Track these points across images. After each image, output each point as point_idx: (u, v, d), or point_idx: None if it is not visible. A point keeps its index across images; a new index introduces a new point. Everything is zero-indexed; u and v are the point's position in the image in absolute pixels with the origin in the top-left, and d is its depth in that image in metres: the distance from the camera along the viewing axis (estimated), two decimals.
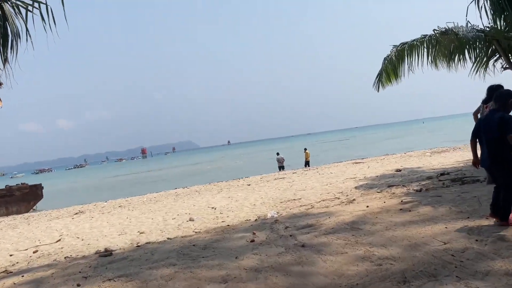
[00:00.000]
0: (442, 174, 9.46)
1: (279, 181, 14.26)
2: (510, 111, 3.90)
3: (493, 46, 9.03)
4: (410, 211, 4.88)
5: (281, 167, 23.69)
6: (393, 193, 7.96)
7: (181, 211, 10.22)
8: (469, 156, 13.34)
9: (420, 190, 6.85)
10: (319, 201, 8.56)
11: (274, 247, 4.22)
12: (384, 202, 5.81)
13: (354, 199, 8.05)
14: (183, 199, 13.21)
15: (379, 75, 10.27)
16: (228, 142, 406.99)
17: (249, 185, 14.47)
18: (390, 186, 8.95)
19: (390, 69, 10.07)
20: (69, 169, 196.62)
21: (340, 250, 3.66)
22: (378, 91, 10.47)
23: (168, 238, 6.49)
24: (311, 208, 7.16)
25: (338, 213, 5.62)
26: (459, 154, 14.50)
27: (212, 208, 9.98)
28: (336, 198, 8.62)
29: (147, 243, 6.28)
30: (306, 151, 24.40)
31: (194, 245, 5.03)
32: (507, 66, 8.61)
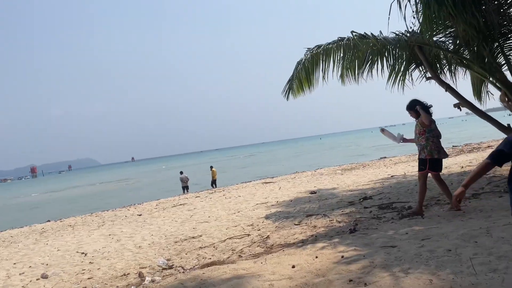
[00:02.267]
0: (364, 199, 8.23)
1: (178, 209, 11.98)
2: None
3: (410, 56, 8.19)
4: (365, 284, 2.93)
5: (185, 188, 21.25)
6: (315, 226, 6.56)
7: (37, 261, 7.55)
8: (381, 174, 12.61)
9: (354, 230, 5.17)
10: (225, 240, 6.75)
11: None
12: (316, 257, 3.85)
13: (268, 237, 6.49)
14: (48, 238, 10.13)
15: (290, 82, 8.76)
16: (132, 158, 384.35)
17: (140, 215, 11.82)
18: (308, 215, 7.55)
19: (303, 76, 8.62)
20: None
21: None
22: (287, 99, 9.00)
23: None
24: (209, 260, 5.04)
25: (250, 282, 3.55)
26: (371, 172, 13.86)
27: (82, 253, 7.50)
28: (246, 234, 6.97)
29: None
30: (213, 169, 22.42)
31: None
32: (430, 75, 7.72)
